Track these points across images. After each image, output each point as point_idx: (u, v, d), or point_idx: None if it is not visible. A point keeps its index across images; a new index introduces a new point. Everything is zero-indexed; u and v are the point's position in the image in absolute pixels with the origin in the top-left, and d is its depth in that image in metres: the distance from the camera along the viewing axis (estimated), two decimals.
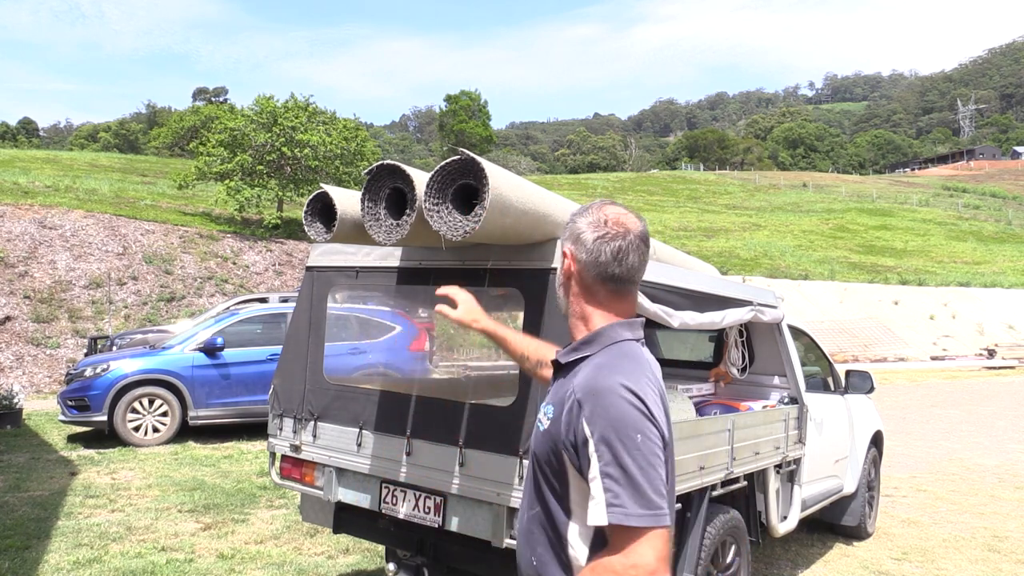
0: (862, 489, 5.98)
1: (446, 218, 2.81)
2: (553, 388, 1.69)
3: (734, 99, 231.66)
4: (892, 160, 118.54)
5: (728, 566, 4.01)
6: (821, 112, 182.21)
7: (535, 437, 1.65)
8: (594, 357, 1.61)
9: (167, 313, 18.37)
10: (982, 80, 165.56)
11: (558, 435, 1.56)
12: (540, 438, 1.63)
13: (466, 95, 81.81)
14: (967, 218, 56.25)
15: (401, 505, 3.53)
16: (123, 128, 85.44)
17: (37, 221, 19.67)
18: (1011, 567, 5.54)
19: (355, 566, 5.07)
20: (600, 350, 1.62)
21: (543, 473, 1.62)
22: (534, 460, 1.65)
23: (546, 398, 1.69)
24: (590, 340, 1.65)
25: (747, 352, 5.35)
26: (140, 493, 6.88)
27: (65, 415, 9.30)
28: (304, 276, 4.15)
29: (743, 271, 31.96)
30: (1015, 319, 32.05)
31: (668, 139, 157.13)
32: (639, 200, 54.08)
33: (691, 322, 3.77)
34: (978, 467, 9.32)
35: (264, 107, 26.12)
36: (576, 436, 1.52)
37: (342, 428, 3.78)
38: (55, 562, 5.00)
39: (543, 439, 1.61)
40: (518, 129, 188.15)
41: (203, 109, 55.76)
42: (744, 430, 4.15)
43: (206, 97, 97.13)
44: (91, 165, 39.18)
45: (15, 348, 15.66)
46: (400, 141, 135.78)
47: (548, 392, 1.72)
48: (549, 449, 1.59)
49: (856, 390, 5.88)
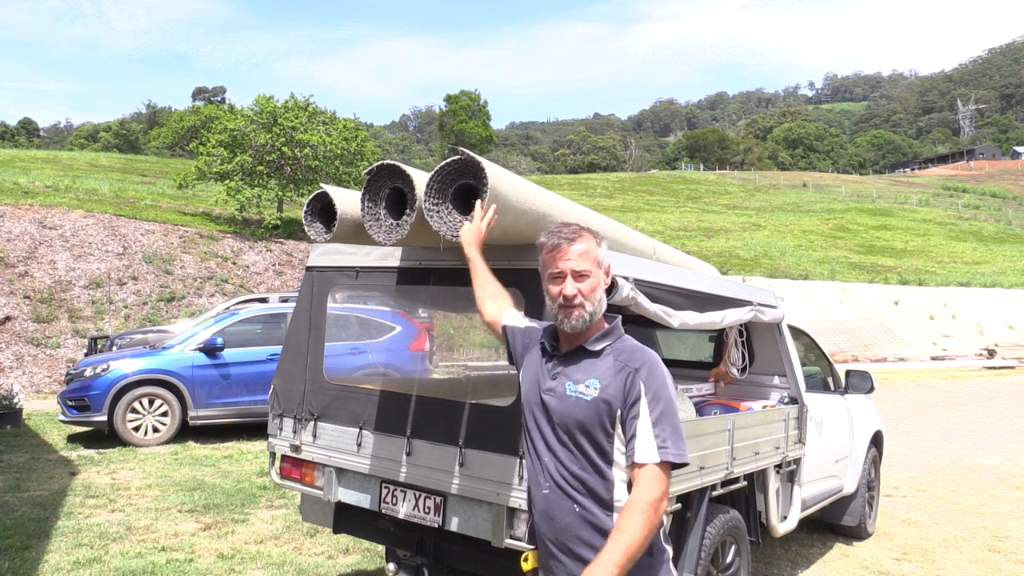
0: (862, 489, 5.98)
1: (446, 218, 2.81)
2: (581, 367, 2.11)
3: (734, 99, 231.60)
4: (892, 160, 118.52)
5: (728, 566, 4.01)
6: (821, 112, 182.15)
7: (574, 406, 2.07)
8: (617, 343, 2.13)
9: (167, 313, 18.37)
10: (982, 80, 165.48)
11: (613, 397, 2.03)
12: (585, 406, 2.05)
13: (466, 95, 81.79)
14: (967, 218, 56.26)
15: (401, 505, 3.53)
16: (123, 128, 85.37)
17: (37, 221, 19.67)
18: (1011, 567, 5.54)
19: (355, 566, 5.07)
20: (619, 337, 2.15)
21: (588, 433, 2.04)
22: (575, 425, 2.06)
23: (575, 375, 2.11)
24: (611, 331, 2.17)
25: (747, 352, 5.35)
26: (140, 493, 6.88)
27: (65, 415, 9.30)
28: (304, 276, 4.15)
29: (743, 271, 31.95)
30: (1015, 319, 32.05)
31: (668, 139, 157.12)
32: (639, 200, 54.08)
33: (691, 322, 3.77)
34: (978, 467, 9.32)
35: (264, 107, 26.12)
36: (630, 394, 2.02)
37: (342, 428, 3.77)
38: (55, 562, 5.00)
39: (589, 406, 2.05)
40: (518, 129, 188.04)
41: (203, 109, 55.74)
42: (744, 430, 4.15)
43: (205, 97, 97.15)
44: (91, 165, 39.19)
45: (15, 348, 15.66)
46: (400, 141, 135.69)
47: (568, 371, 2.13)
48: (601, 411, 2.04)
49: (856, 390, 5.87)
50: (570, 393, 2.08)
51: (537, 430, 2.16)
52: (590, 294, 2.10)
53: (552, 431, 2.11)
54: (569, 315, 2.10)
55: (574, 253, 2.10)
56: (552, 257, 2.13)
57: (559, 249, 2.11)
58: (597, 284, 2.12)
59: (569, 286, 2.08)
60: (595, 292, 2.11)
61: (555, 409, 2.10)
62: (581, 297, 2.08)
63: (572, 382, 2.09)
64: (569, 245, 2.11)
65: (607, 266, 2.19)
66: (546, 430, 2.12)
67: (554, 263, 2.12)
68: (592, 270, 2.11)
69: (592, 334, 2.14)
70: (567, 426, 2.07)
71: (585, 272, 2.10)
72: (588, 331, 2.14)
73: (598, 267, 2.14)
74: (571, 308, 2.09)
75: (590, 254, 2.12)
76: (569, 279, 2.09)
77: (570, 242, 2.11)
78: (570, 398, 2.08)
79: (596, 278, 2.12)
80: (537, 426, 2.16)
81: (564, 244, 2.11)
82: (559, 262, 2.11)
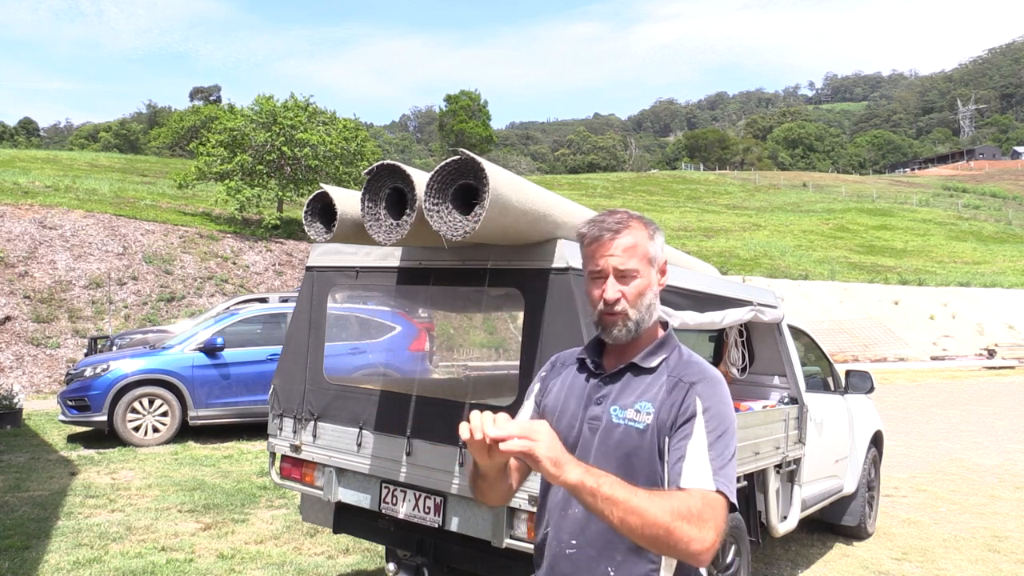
0: (862, 489, 5.98)
1: (446, 218, 2.81)
2: (631, 387, 1.71)
3: (734, 99, 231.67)
4: (892, 160, 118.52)
5: (728, 566, 4.00)
6: (821, 112, 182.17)
7: (623, 437, 1.65)
8: (671, 356, 1.73)
9: (167, 313, 18.37)
10: (982, 80, 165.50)
11: (664, 421, 1.63)
12: (636, 436, 1.64)
13: (466, 95, 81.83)
14: (967, 218, 56.26)
15: (401, 505, 3.53)
16: (123, 128, 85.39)
17: (37, 221, 19.67)
18: (1011, 567, 5.54)
19: (355, 566, 5.07)
20: (673, 349, 1.75)
21: (637, 472, 1.62)
22: (623, 461, 1.64)
23: (623, 398, 1.69)
24: (665, 342, 1.76)
25: (747, 352, 5.35)
26: (140, 493, 6.88)
27: (65, 415, 9.30)
28: (304, 276, 4.15)
29: (743, 271, 31.96)
30: (1015, 319, 32.06)
31: (668, 139, 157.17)
32: (639, 200, 54.09)
33: (691, 322, 3.77)
34: (978, 467, 9.32)
35: (264, 107, 26.13)
36: (682, 412, 1.62)
37: (342, 428, 3.78)
38: (55, 562, 5.00)
39: (641, 436, 1.64)
40: (518, 129, 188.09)
41: (203, 109, 55.78)
42: (744, 430, 4.15)
43: (202, 96, 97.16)
44: (91, 165, 39.19)
45: (15, 348, 15.66)
46: (400, 141, 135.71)
47: (615, 394, 1.71)
48: (656, 441, 1.63)
49: (856, 390, 5.87)
50: (617, 421, 1.67)
51: None
52: (636, 299, 1.69)
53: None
54: (610, 324, 1.70)
55: (618, 248, 1.68)
56: (592, 252, 1.71)
57: (600, 242, 1.70)
58: (646, 286, 1.70)
59: (611, 288, 1.68)
60: (643, 297, 1.70)
61: (598, 444, 1.67)
62: (625, 302, 1.68)
63: (619, 407, 1.68)
64: (613, 238, 1.68)
65: (662, 263, 1.76)
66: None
67: (594, 259, 1.71)
68: (641, 268, 1.69)
69: (643, 347, 1.74)
70: (612, 464, 1.62)
71: (631, 272, 1.68)
72: (638, 343, 1.73)
73: (649, 265, 1.71)
74: (612, 316, 1.69)
75: (638, 249, 1.69)
76: (611, 279, 1.69)
77: (614, 234, 1.69)
78: (618, 427, 1.66)
79: (645, 278, 1.70)
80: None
81: (606, 236, 1.69)
82: (599, 258, 1.70)
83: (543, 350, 3.12)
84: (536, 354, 3.14)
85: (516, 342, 3.33)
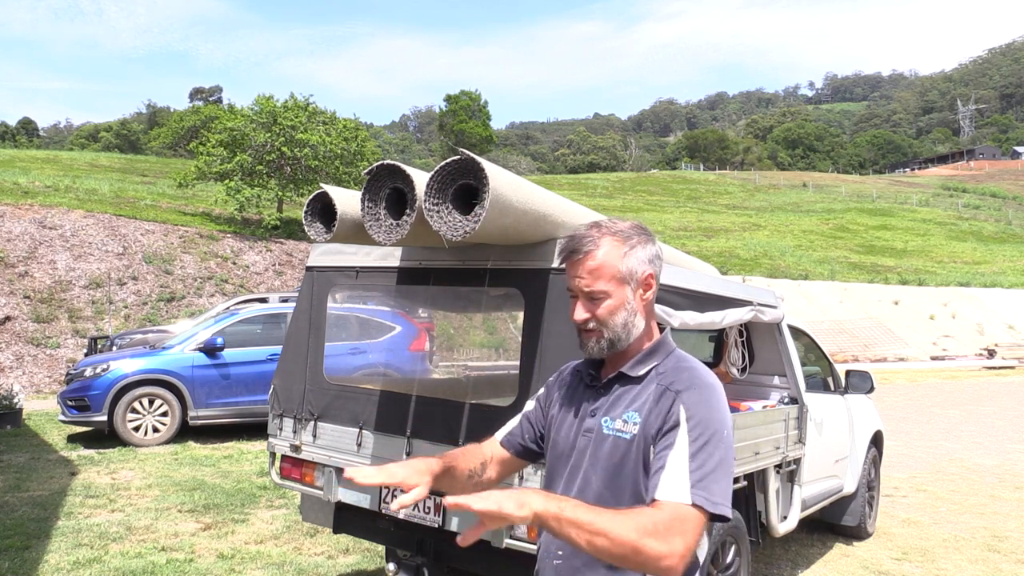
0: (862, 489, 5.98)
1: (446, 218, 2.81)
2: (620, 397, 1.69)
3: (734, 99, 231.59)
4: (892, 160, 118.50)
5: (728, 566, 4.00)
6: (821, 112, 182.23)
7: (611, 449, 1.64)
8: (662, 364, 1.70)
9: (167, 313, 18.37)
10: (982, 80, 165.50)
11: (649, 431, 1.61)
12: (624, 447, 1.63)
13: (466, 95, 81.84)
14: (967, 218, 56.27)
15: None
16: (124, 128, 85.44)
17: (37, 221, 19.67)
18: (1011, 567, 5.54)
19: (355, 566, 5.07)
20: (666, 357, 1.72)
21: (624, 485, 1.62)
22: (611, 472, 1.64)
23: (611, 410, 1.68)
24: (655, 350, 1.73)
25: (747, 352, 5.35)
26: (140, 493, 6.88)
27: (65, 415, 9.30)
28: (304, 276, 4.15)
29: (743, 271, 31.96)
30: (1015, 319, 32.06)
31: (668, 139, 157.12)
32: (639, 200, 54.10)
33: (691, 322, 3.76)
34: (978, 467, 9.32)
35: (264, 107, 26.13)
36: (666, 422, 1.59)
37: (342, 428, 3.78)
38: (55, 562, 5.00)
39: (629, 447, 1.62)
40: (518, 129, 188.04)
41: (203, 109, 55.82)
42: (744, 430, 4.15)
43: (202, 96, 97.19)
44: (91, 165, 39.19)
45: (15, 348, 15.66)
46: (400, 141, 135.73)
47: (607, 404, 1.70)
48: (642, 450, 1.61)
49: (856, 390, 5.87)
50: (607, 432, 1.66)
51: (561, 484, 1.72)
52: (607, 318, 1.66)
53: (581, 484, 1.67)
54: (585, 340, 1.70)
55: (584, 270, 1.65)
56: (566, 268, 1.71)
57: (570, 261, 1.68)
58: (618, 306, 1.66)
59: (578, 311, 1.67)
60: (614, 316, 1.66)
61: (589, 456, 1.68)
62: (595, 322, 1.67)
63: (610, 418, 1.67)
64: (582, 260, 1.66)
65: (643, 276, 1.68)
66: (572, 484, 1.69)
67: (568, 277, 1.70)
68: (610, 289, 1.65)
69: (632, 356, 1.71)
70: (601, 476, 1.64)
71: (599, 294, 1.65)
72: (626, 353, 1.71)
73: (621, 284, 1.66)
74: (587, 332, 1.69)
75: (605, 270, 1.64)
76: (580, 301, 1.68)
77: (583, 255, 1.65)
78: (607, 438, 1.65)
79: (617, 298, 1.66)
80: (561, 478, 1.73)
81: (574, 257, 1.67)
82: (571, 278, 1.69)
83: (543, 350, 3.13)
84: (536, 354, 3.14)
85: (516, 342, 3.33)
